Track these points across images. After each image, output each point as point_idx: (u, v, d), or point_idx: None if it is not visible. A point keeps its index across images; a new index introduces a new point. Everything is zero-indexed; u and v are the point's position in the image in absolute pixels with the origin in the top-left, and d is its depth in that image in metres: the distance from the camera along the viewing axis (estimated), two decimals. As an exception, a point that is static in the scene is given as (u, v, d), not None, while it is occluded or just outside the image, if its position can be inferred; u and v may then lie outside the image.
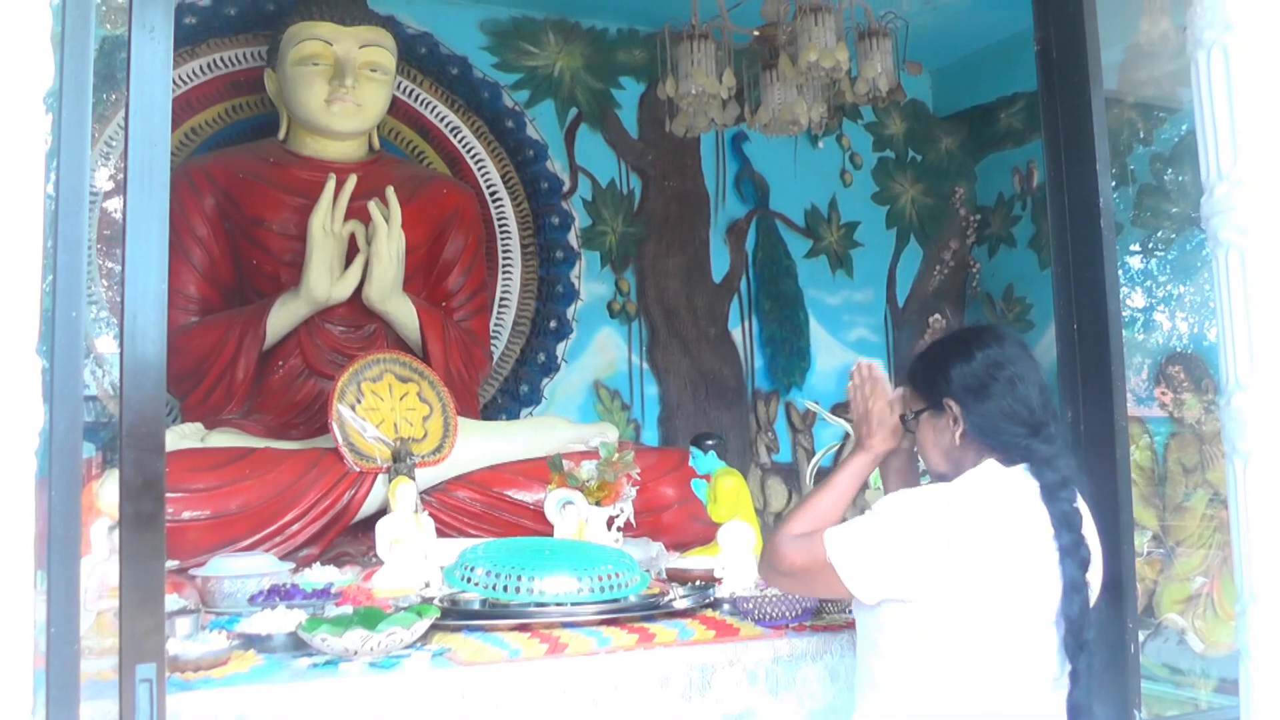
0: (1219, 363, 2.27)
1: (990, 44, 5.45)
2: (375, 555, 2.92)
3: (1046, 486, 1.82)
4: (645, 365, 5.12)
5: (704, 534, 3.31)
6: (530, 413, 4.72)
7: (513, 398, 4.71)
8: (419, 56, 4.53)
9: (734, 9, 3.87)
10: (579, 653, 2.14)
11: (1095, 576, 1.84)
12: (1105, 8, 2.68)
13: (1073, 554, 1.79)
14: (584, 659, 2.13)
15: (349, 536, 3.24)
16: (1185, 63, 2.53)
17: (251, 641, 2.10)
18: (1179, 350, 4.58)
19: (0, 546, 1.19)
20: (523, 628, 2.27)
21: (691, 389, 5.21)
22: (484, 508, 3.44)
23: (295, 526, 3.09)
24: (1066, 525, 1.80)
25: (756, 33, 3.85)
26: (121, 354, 1.64)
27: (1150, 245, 4.88)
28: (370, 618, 2.09)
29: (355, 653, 2.01)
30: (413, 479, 3.11)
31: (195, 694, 1.81)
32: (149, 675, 1.63)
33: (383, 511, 3.10)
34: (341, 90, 3.80)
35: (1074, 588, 1.79)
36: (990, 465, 1.85)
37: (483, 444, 3.55)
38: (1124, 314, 5.17)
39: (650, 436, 5.06)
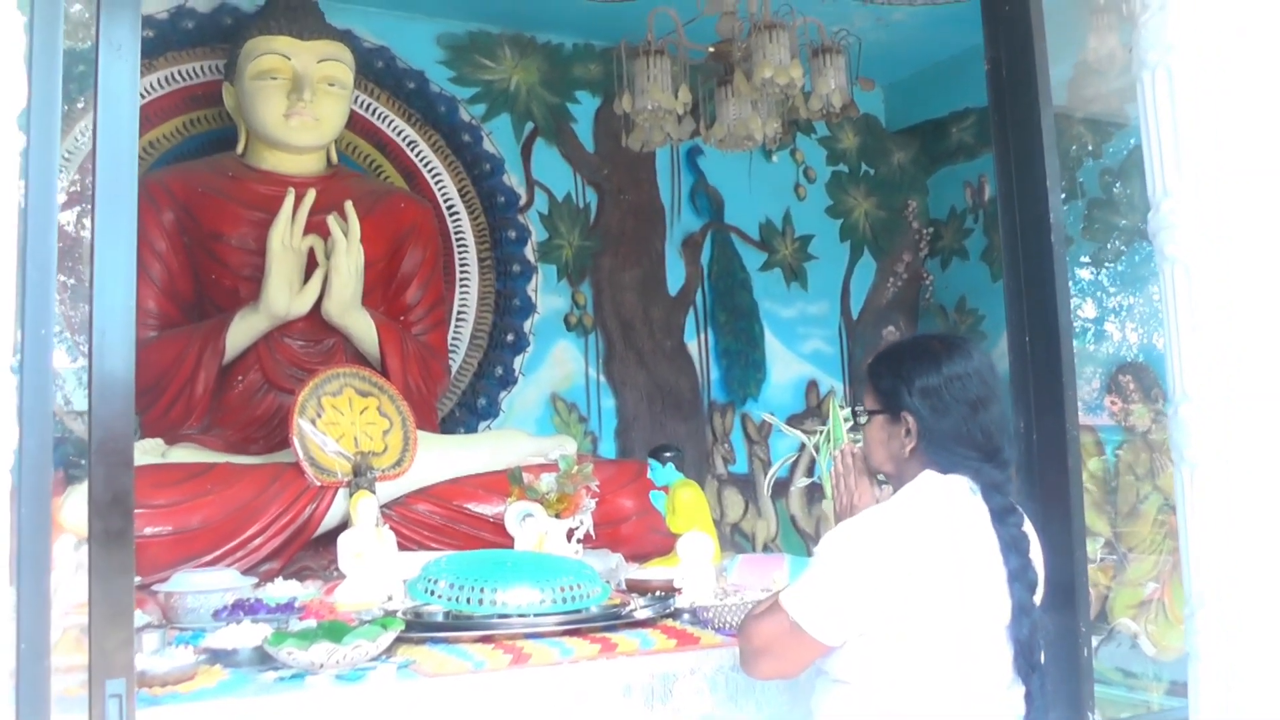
0: (1166, 374, 2.34)
1: (941, 59, 5.55)
2: (337, 569, 2.93)
3: (995, 511, 1.85)
4: (602, 378, 5.16)
5: (663, 545, 3.34)
6: (488, 426, 4.74)
7: (470, 411, 4.73)
8: (376, 70, 4.55)
9: (689, 24, 3.92)
10: (542, 663, 2.17)
11: (1039, 597, 1.90)
12: (1054, 25, 2.75)
13: (1021, 578, 1.83)
14: (547, 669, 2.16)
15: (310, 551, 3.25)
16: (1132, 80, 2.61)
17: (217, 656, 2.11)
18: (1129, 360, 4.68)
19: (-22, 563, 1.21)
20: (486, 639, 2.29)
21: (648, 401, 5.25)
22: (444, 521, 3.46)
23: (257, 541, 3.09)
24: (1015, 549, 1.84)
25: (712, 49, 3.91)
26: (90, 371, 1.66)
27: (1101, 257, 4.99)
28: (335, 631, 2.11)
29: (321, 666, 2.03)
30: (373, 493, 3.12)
31: (163, 709, 1.82)
32: (118, 690, 1.64)
33: (343, 525, 3.11)
34: (300, 105, 3.80)
35: (1023, 611, 1.83)
36: (930, 477, 1.89)
37: (442, 457, 3.57)
38: (1075, 324, 5.28)
39: (607, 449, 5.10)
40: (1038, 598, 1.86)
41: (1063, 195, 2.69)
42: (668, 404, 5.30)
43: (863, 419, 2.03)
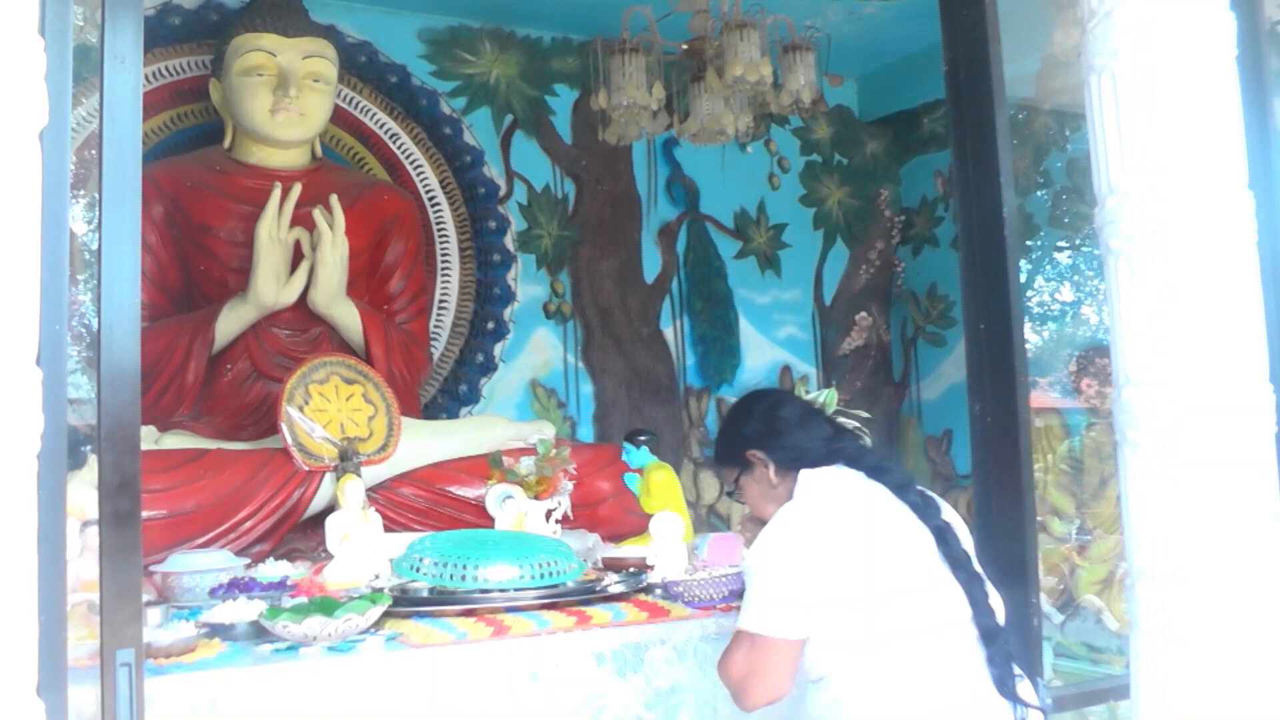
0: (1111, 358, 2.47)
1: (913, 52, 5.67)
2: (325, 550, 3.05)
3: (870, 468, 2.08)
4: (580, 364, 5.29)
5: (638, 525, 3.47)
6: (469, 412, 4.86)
7: (452, 397, 4.85)
8: (359, 65, 4.65)
9: (662, 20, 4.04)
10: (521, 634, 2.31)
11: (952, 518, 2.07)
12: (1021, 20, 2.88)
13: (923, 507, 2.02)
14: (526, 639, 2.29)
15: (298, 532, 3.37)
16: None
17: (216, 630, 2.24)
18: (1104, 343, 4.82)
19: (11, 540, 1.34)
20: (468, 613, 2.42)
21: (625, 387, 5.38)
22: (427, 503, 3.58)
23: (248, 524, 3.21)
24: (904, 488, 2.05)
25: (685, 46, 4.03)
26: (99, 363, 1.78)
27: (1079, 243, 5.12)
28: (326, 606, 2.24)
29: (314, 638, 2.16)
30: (359, 477, 3.24)
31: (169, 678, 1.95)
32: (128, 660, 1.77)
33: (330, 508, 3.23)
34: (285, 100, 3.91)
35: (940, 531, 2.00)
36: (806, 473, 2.10)
37: (425, 442, 3.69)
38: (1051, 309, 5.43)
39: (585, 433, 5.23)
40: (949, 518, 2.04)
41: (1040, 181, 2.82)
42: (645, 389, 5.43)
43: (737, 495, 2.26)
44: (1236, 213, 2.30)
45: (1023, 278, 5.08)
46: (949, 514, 2.06)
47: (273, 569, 2.78)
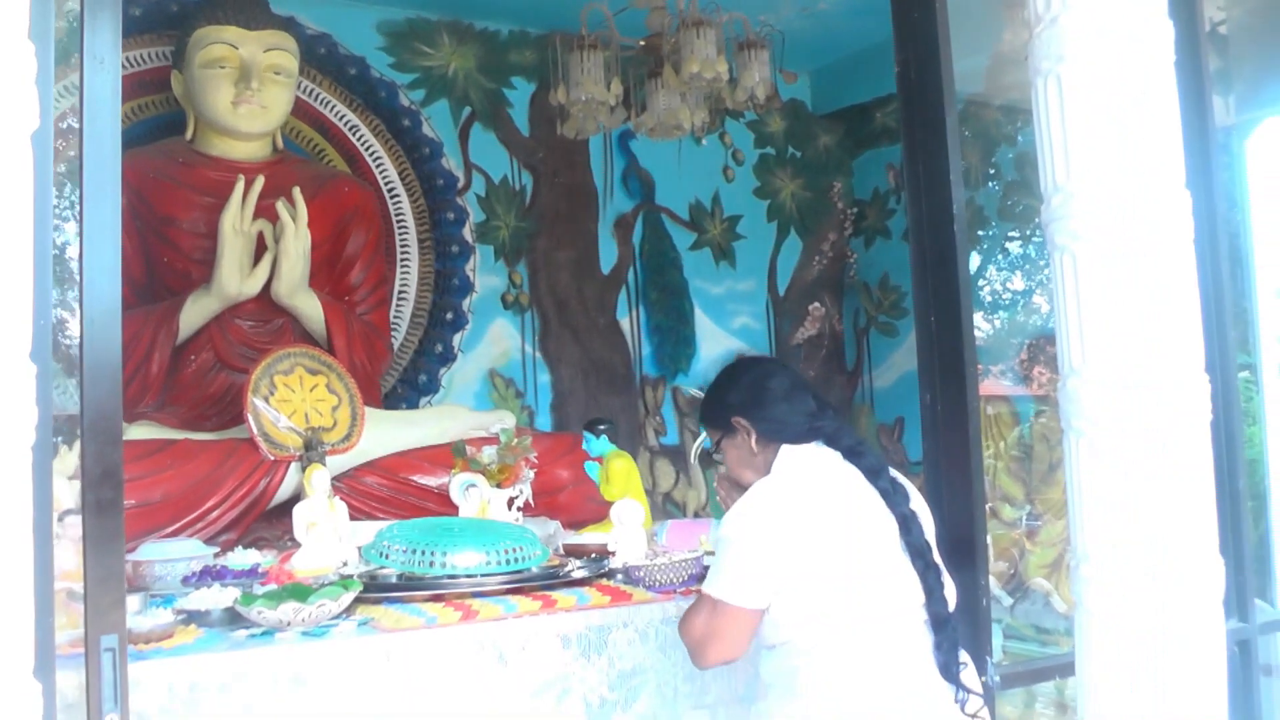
0: (1058, 349, 2.57)
1: (865, 47, 5.76)
2: (290, 538, 3.10)
3: (846, 449, 2.15)
4: (538, 354, 5.35)
5: (597, 512, 3.54)
6: (429, 401, 4.92)
7: (412, 387, 4.91)
8: (319, 57, 4.68)
9: (619, 14, 4.09)
10: (489, 618, 2.37)
11: (919, 507, 2.15)
12: (972, 17, 2.96)
13: (892, 494, 2.10)
14: (494, 623, 2.36)
15: (264, 521, 3.42)
16: None
17: (193, 616, 2.28)
18: (1054, 331, 4.92)
19: (11, 531, 1.39)
20: (437, 598, 2.49)
21: (582, 376, 5.46)
22: (391, 492, 3.64)
23: (215, 513, 3.26)
24: (876, 473, 2.12)
25: (642, 43, 4.10)
26: (81, 355, 1.82)
27: (1029, 234, 5.24)
28: (300, 592, 2.30)
29: (288, 624, 2.22)
30: (325, 466, 3.29)
31: (149, 663, 2.00)
32: (112, 645, 1.81)
33: (295, 497, 3.28)
34: (247, 93, 3.94)
35: (905, 519, 2.08)
36: (787, 449, 2.17)
37: (388, 432, 3.75)
38: (1002, 299, 5.55)
39: (543, 422, 5.30)
40: (916, 507, 2.12)
41: (991, 174, 2.91)
42: (601, 379, 5.51)
43: (716, 455, 2.33)
44: (1175, 211, 2.40)
45: (974, 268, 5.21)
46: (916, 502, 2.15)
47: (243, 557, 2.82)
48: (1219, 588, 2.37)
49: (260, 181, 3.85)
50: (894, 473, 2.15)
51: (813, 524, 2.01)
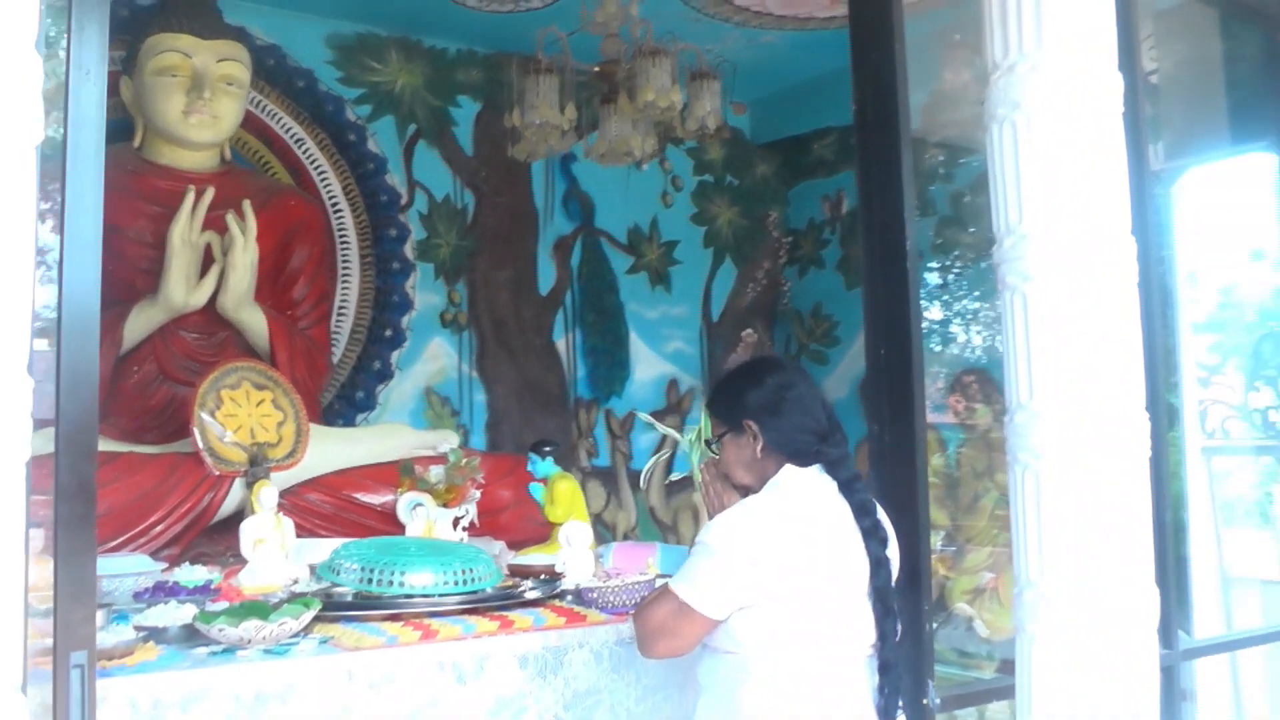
0: (1005, 384, 2.66)
1: (806, 80, 5.90)
2: (232, 555, 3.07)
3: (843, 482, 2.17)
4: (474, 373, 5.36)
5: (538, 533, 3.56)
6: (365, 418, 4.90)
7: (349, 403, 4.88)
8: (267, 68, 4.65)
9: (571, 35, 4.13)
10: (449, 638, 2.38)
11: (893, 553, 2.20)
12: (913, 56, 3.04)
13: (873, 535, 2.14)
14: (453, 643, 2.37)
15: (205, 537, 3.38)
16: (981, 109, 2.87)
17: (151, 634, 2.26)
18: (973, 363, 5.07)
19: (7, 545, 1.38)
20: (394, 617, 2.49)
21: (517, 397, 5.47)
22: (334, 509, 3.62)
23: (159, 528, 3.22)
24: (864, 512, 2.15)
25: (597, 69, 4.14)
26: (58, 369, 1.81)
27: (952, 266, 5.37)
28: (260, 610, 2.29)
29: (249, 641, 2.20)
30: (271, 482, 3.27)
31: (113, 680, 1.98)
32: (81, 661, 1.79)
33: (238, 513, 3.25)
34: (199, 102, 3.91)
35: (878, 563, 2.13)
36: (790, 470, 2.19)
37: (331, 449, 3.73)
38: (923, 328, 5.68)
39: (477, 442, 5.29)
40: (891, 552, 2.17)
41: (917, 212, 2.99)
42: (536, 400, 5.53)
43: (716, 446, 2.34)
44: (1122, 255, 2.50)
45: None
46: (892, 548, 2.19)
47: (190, 573, 2.79)
48: (1155, 615, 2.47)
49: (210, 193, 3.82)
50: (880, 514, 2.19)
51: (796, 554, 2.05)
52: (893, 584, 2.16)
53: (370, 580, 2.56)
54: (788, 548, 2.05)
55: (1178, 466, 4.55)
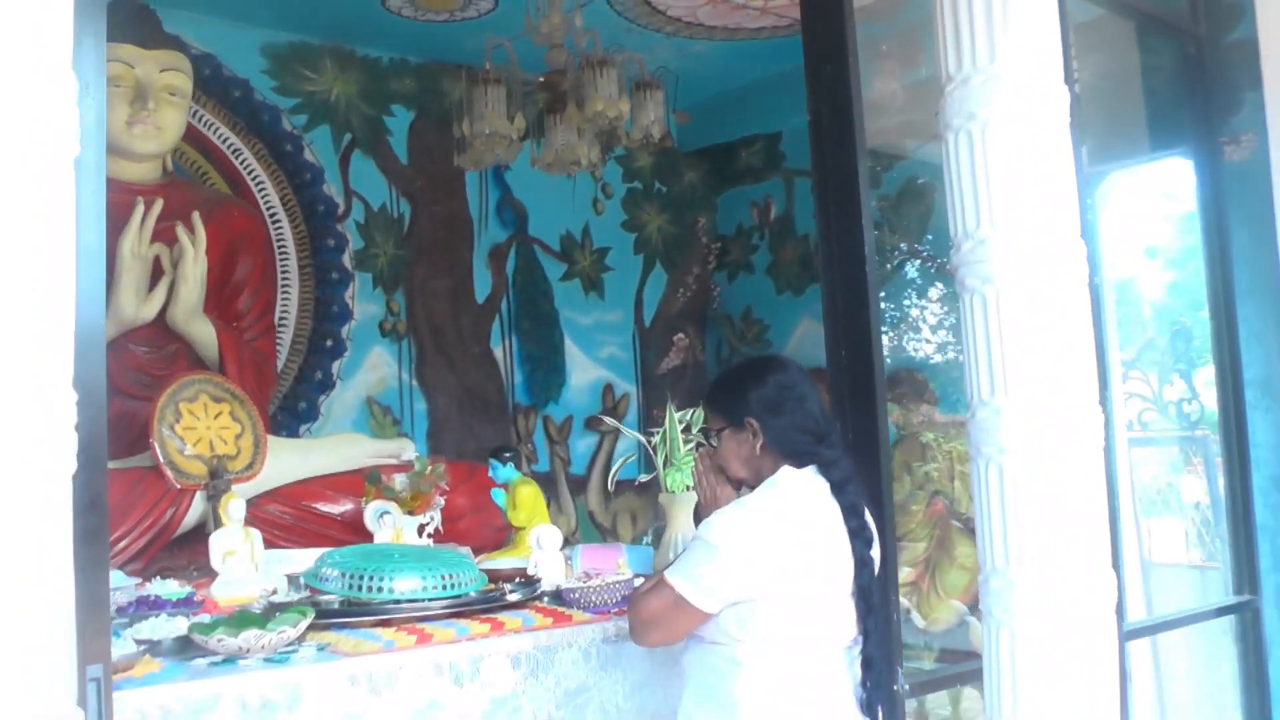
0: (966, 382, 2.76)
1: (733, 88, 6.00)
2: (195, 568, 3.06)
3: (835, 483, 2.24)
4: (414, 382, 5.37)
5: (494, 538, 3.60)
6: (309, 429, 4.87)
7: (291, 414, 4.85)
8: (203, 77, 4.61)
9: (514, 39, 4.16)
10: (444, 641, 2.42)
11: (876, 554, 2.30)
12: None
13: (859, 535, 2.22)
14: (449, 646, 2.41)
15: (168, 551, 3.35)
16: (907, 117, 2.96)
17: (147, 647, 2.26)
18: (903, 365, 5.20)
19: (50, 560, 1.39)
20: (384, 623, 2.51)
21: (457, 404, 5.49)
22: (294, 520, 3.62)
23: (124, 542, 3.19)
24: (853, 513, 2.23)
25: (542, 79, 4.18)
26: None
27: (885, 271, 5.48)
28: (254, 619, 2.30)
29: (249, 650, 2.21)
30: (234, 493, 3.26)
31: (121, 693, 1.98)
32: (97, 675, 1.79)
33: (199, 527, 3.24)
34: (143, 113, 3.88)
35: (862, 562, 2.21)
36: (787, 470, 2.26)
37: (289, 460, 3.73)
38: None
39: (419, 450, 5.28)
40: (874, 553, 2.25)
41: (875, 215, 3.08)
42: (475, 407, 5.55)
43: (714, 440, 2.38)
44: (1074, 257, 2.62)
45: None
46: (875, 548, 2.27)
47: (163, 587, 2.78)
48: (1114, 596, 2.59)
49: (159, 204, 3.78)
50: (867, 515, 2.26)
51: (792, 556, 2.12)
52: (875, 583, 2.24)
53: (359, 587, 2.58)
54: (784, 550, 2.12)
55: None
